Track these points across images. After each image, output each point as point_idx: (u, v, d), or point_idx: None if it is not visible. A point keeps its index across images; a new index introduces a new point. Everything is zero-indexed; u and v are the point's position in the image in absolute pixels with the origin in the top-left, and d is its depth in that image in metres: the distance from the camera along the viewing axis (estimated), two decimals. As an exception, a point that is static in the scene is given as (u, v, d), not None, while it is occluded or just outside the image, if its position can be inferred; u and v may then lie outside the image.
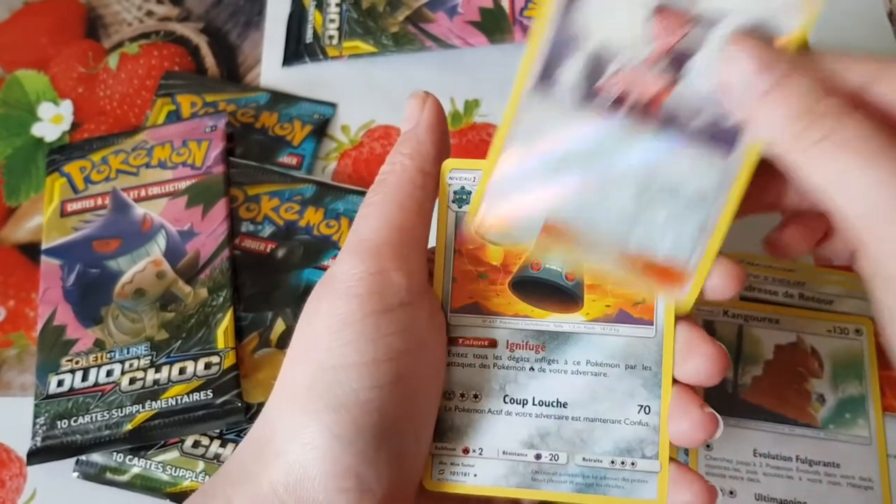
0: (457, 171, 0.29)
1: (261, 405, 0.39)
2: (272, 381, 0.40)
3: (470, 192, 0.29)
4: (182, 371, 0.40)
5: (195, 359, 0.40)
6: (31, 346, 0.44)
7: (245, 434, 0.39)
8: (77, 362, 0.40)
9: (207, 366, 0.40)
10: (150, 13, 0.55)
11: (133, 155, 0.46)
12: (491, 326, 0.29)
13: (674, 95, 0.26)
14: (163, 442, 0.39)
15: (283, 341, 0.41)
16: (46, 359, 0.41)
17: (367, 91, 0.51)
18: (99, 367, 0.40)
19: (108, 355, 0.40)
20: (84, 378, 0.40)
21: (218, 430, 0.40)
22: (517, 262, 0.29)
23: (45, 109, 0.51)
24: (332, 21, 0.52)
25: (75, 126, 0.51)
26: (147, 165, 0.46)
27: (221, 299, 0.42)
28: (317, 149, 0.49)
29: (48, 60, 0.53)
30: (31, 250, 0.46)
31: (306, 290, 0.42)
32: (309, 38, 0.52)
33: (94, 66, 0.53)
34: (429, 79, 0.51)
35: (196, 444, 0.40)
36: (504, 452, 0.28)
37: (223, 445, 0.39)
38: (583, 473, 0.28)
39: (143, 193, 0.45)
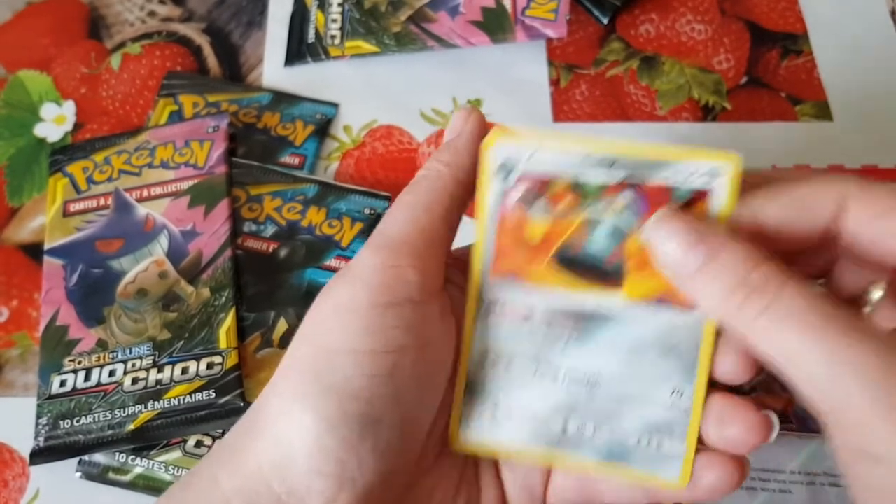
0: (503, 142, 0.28)
1: (263, 405, 0.39)
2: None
3: (515, 165, 0.28)
4: (184, 371, 0.40)
5: (197, 359, 0.40)
6: (33, 347, 0.44)
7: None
8: (80, 362, 0.40)
9: (210, 366, 0.40)
10: (152, 13, 0.55)
11: (135, 155, 0.46)
12: (529, 298, 0.29)
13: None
14: (165, 442, 0.39)
15: (286, 341, 0.41)
16: (49, 359, 0.41)
17: (369, 91, 0.51)
18: (101, 367, 0.40)
19: (111, 355, 0.40)
20: (87, 378, 0.40)
21: (220, 430, 0.40)
22: (559, 239, 0.28)
23: (48, 110, 0.51)
24: (334, 21, 0.52)
25: (78, 126, 0.51)
26: (149, 165, 0.46)
27: (224, 299, 0.42)
28: (319, 149, 0.49)
29: (51, 61, 0.53)
30: (33, 250, 0.46)
31: (308, 289, 0.42)
32: (311, 38, 0.52)
33: (96, 67, 0.53)
34: (431, 78, 0.51)
35: (198, 444, 0.40)
36: (533, 417, 0.29)
37: (226, 445, 0.39)
38: (608, 446, 0.28)
39: (145, 193, 0.45)
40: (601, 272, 0.28)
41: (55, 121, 0.51)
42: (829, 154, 0.48)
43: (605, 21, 0.53)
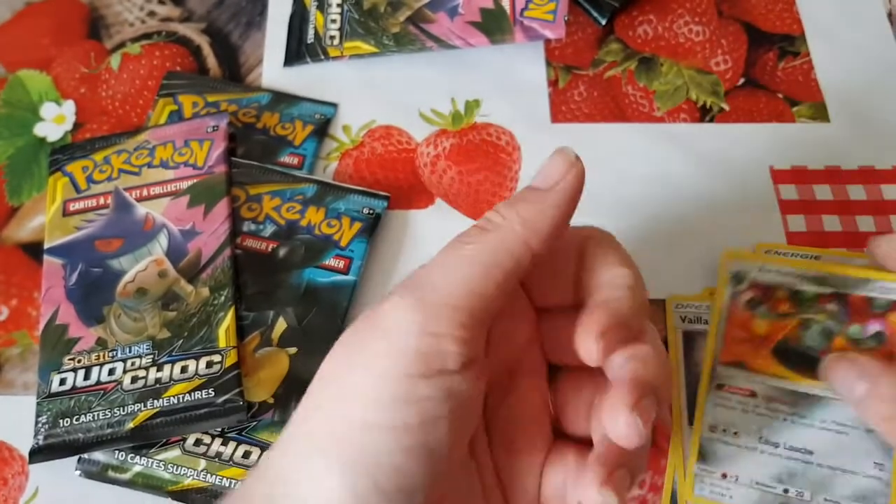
0: (736, 260, 0.38)
1: (261, 403, 0.40)
2: (273, 380, 0.41)
3: (745, 276, 0.37)
4: (184, 370, 0.40)
5: (197, 357, 0.40)
6: (33, 345, 0.44)
7: (247, 435, 0.40)
8: (79, 361, 0.41)
9: (209, 364, 0.40)
10: (151, 13, 0.55)
11: (135, 155, 0.46)
12: (752, 381, 0.35)
13: None
14: (164, 440, 0.40)
15: (285, 340, 0.41)
16: (49, 357, 0.41)
17: (368, 91, 0.51)
18: (101, 365, 0.40)
19: (110, 354, 0.41)
20: (86, 377, 0.40)
21: (219, 429, 0.40)
22: (780, 334, 0.35)
23: (48, 109, 0.52)
24: (333, 21, 0.52)
25: (77, 126, 0.51)
26: (149, 165, 0.46)
27: (223, 298, 0.42)
28: (318, 148, 0.49)
29: (50, 61, 0.53)
30: (33, 250, 0.47)
31: (307, 289, 0.43)
32: (310, 38, 0.53)
33: (96, 67, 0.53)
34: (430, 79, 0.52)
35: (197, 443, 0.40)
36: (757, 483, 0.34)
37: (224, 444, 0.40)
38: None
39: (145, 193, 0.45)
40: (815, 361, 0.34)
41: (55, 120, 0.51)
42: (825, 156, 0.48)
43: (604, 22, 0.53)
